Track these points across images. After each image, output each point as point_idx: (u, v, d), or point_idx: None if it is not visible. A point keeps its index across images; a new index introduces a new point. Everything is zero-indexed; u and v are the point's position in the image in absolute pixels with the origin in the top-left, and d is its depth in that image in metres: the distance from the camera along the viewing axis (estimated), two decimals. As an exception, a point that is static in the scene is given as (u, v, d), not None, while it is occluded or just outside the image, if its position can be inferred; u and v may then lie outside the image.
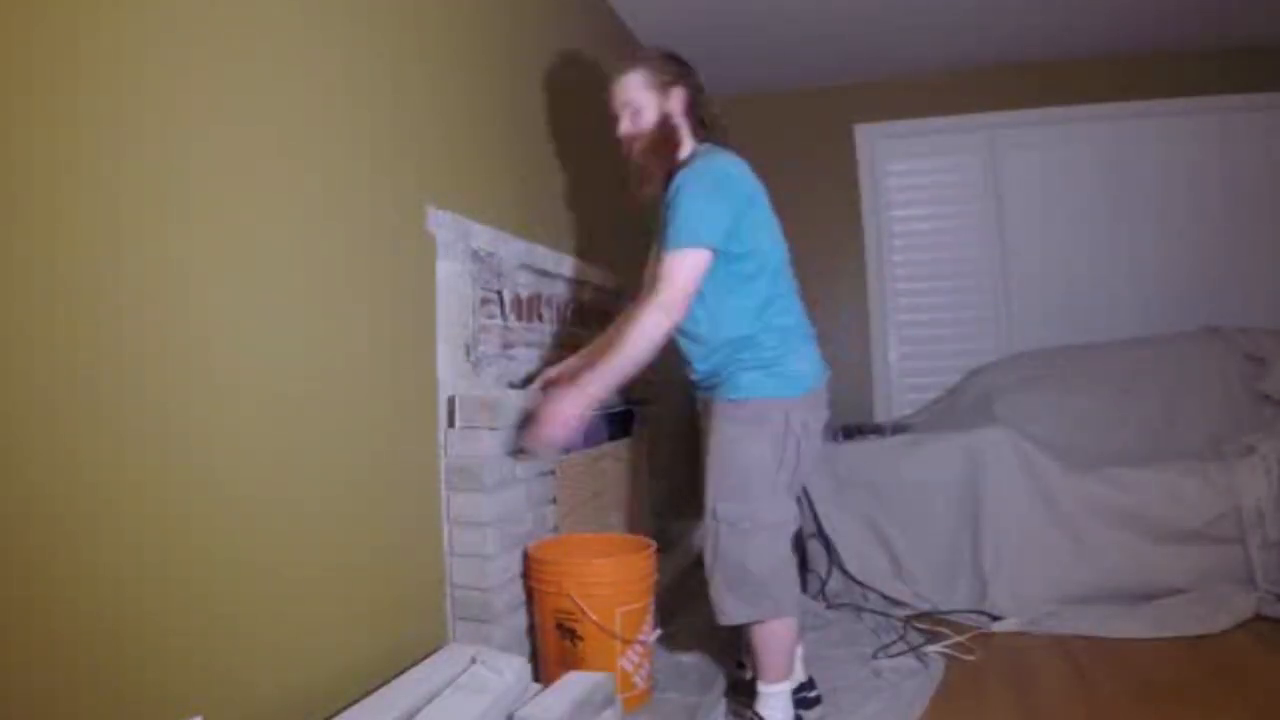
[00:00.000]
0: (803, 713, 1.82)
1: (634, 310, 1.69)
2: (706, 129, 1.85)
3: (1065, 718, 1.89)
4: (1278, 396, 2.80)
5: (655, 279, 1.68)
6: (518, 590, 1.80)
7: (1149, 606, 2.51)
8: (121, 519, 1.04)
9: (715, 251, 1.65)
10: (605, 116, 1.92)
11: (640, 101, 1.81)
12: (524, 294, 2.11)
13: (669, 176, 1.76)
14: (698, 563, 1.91)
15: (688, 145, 1.84)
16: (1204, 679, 2.05)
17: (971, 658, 2.25)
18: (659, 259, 1.69)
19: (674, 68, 1.84)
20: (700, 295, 1.68)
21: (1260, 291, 3.57)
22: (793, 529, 1.76)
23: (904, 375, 3.91)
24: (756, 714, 1.74)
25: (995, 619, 2.57)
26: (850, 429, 3.14)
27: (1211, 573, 2.56)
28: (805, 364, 1.75)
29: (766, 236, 1.75)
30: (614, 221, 2.91)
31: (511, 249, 2.03)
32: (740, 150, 1.81)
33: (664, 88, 1.81)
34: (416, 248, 1.70)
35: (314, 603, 1.36)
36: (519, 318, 2.07)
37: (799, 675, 1.88)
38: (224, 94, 1.23)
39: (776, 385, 1.70)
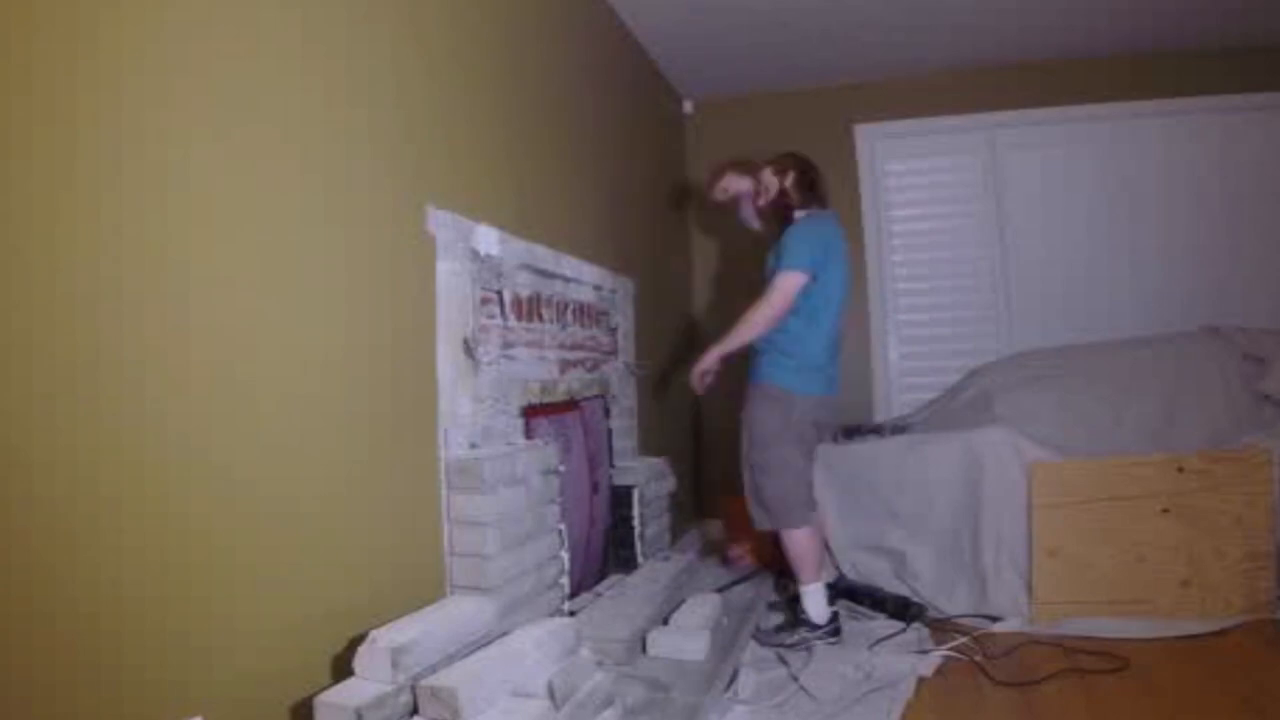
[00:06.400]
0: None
1: (752, 303, 2.40)
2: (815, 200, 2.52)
3: (1065, 718, 1.89)
4: (1278, 396, 2.80)
5: (767, 286, 2.37)
6: (518, 589, 1.80)
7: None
8: (121, 519, 1.04)
9: (811, 276, 2.34)
10: (605, 118, 1.91)
11: (765, 182, 2.57)
12: (524, 294, 2.11)
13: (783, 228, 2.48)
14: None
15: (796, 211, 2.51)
16: (1204, 679, 2.05)
17: (979, 658, 2.25)
18: (770, 276, 2.39)
19: (791, 160, 2.57)
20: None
21: (1260, 291, 3.57)
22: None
23: (904, 375, 3.91)
24: (802, 610, 2.39)
25: (995, 619, 2.57)
26: (850, 429, 3.14)
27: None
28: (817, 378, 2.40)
29: (836, 281, 2.39)
30: (613, 222, 2.91)
31: (511, 249, 2.03)
32: (740, 150, 1.84)
33: (783, 172, 2.54)
34: (416, 248, 1.70)
35: (314, 603, 1.36)
36: (519, 318, 2.08)
37: (828, 575, 2.53)
38: (224, 94, 1.23)
39: (795, 382, 2.38)
